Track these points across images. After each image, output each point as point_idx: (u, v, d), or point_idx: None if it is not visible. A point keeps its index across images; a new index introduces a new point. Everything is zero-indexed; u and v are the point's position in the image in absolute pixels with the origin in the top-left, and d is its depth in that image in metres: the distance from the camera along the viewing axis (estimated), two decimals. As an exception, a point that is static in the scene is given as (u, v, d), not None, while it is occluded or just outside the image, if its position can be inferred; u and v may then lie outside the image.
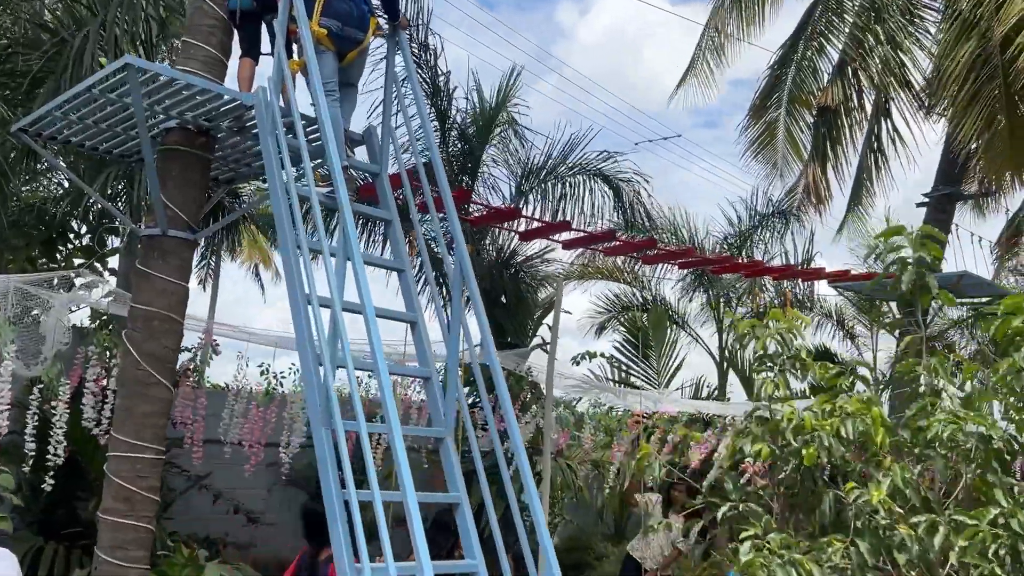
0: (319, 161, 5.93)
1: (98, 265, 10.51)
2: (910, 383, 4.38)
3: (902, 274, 4.35)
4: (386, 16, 5.97)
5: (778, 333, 4.44)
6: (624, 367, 15.23)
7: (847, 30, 13.18)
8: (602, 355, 15.18)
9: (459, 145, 11.55)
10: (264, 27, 6.21)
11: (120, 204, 9.20)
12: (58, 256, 9.98)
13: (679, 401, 12.83)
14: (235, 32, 6.30)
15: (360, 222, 10.84)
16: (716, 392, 16.18)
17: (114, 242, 10.80)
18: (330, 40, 5.44)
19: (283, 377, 9.12)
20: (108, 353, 7.53)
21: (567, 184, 11.71)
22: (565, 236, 9.03)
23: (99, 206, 9.35)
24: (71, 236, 10.28)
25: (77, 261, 10.07)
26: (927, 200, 13.35)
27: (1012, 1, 9.95)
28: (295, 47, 5.77)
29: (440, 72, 11.06)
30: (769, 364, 4.53)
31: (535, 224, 8.67)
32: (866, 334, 19.43)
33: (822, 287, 16.81)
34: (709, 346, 16.45)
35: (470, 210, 8.85)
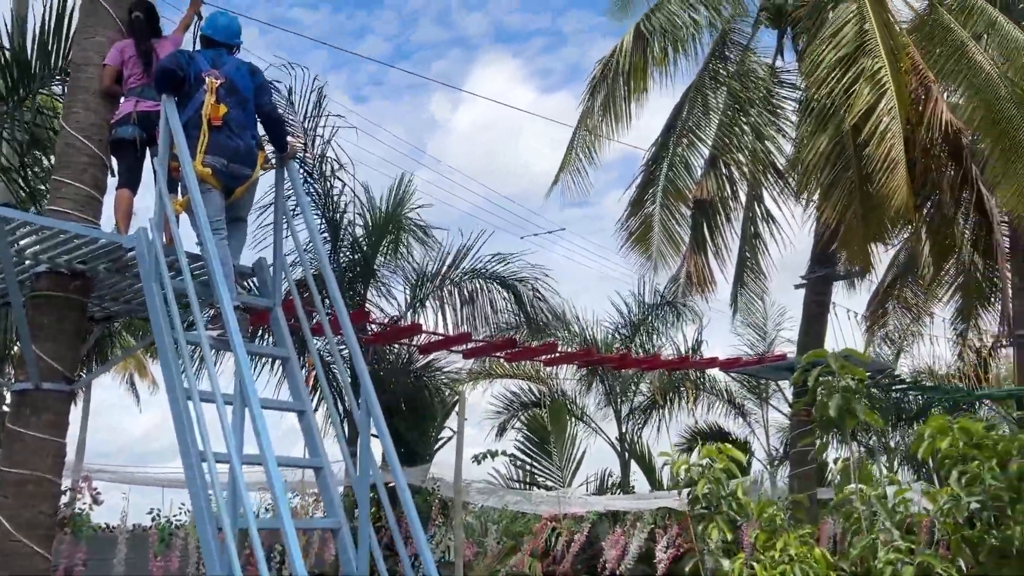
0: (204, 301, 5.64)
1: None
2: (848, 517, 4.37)
3: (829, 400, 4.40)
4: (274, 148, 5.80)
5: (714, 475, 4.39)
6: (528, 466, 15.03)
7: (715, 126, 13.80)
8: (503, 453, 14.97)
9: (351, 256, 11.37)
10: (149, 158, 5.95)
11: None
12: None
13: (586, 499, 12.69)
14: (110, 164, 6.02)
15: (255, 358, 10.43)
16: (620, 481, 16.14)
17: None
18: (215, 178, 5.22)
19: (176, 519, 8.50)
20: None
21: (463, 289, 11.65)
22: (467, 346, 8.89)
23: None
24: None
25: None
26: (805, 282, 13.89)
27: (858, 96, 10.70)
28: (179, 185, 5.53)
29: (337, 179, 10.95)
30: (705, 506, 4.46)
31: (435, 338, 8.51)
32: (757, 410, 19.92)
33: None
34: (610, 436, 16.46)
35: (368, 328, 8.63)
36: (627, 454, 16.00)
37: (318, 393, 8.39)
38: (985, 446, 4.29)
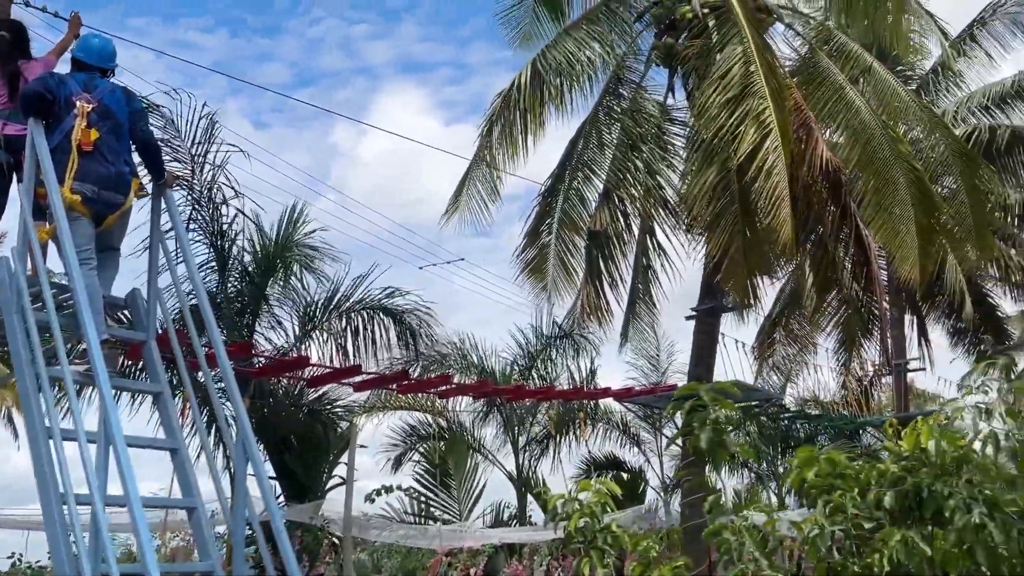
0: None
1: None
2: (720, 547, 4.45)
3: (702, 433, 4.49)
4: (150, 176, 5.60)
5: (588, 509, 4.41)
6: (425, 499, 14.85)
7: (609, 160, 14.08)
8: (399, 488, 14.73)
9: (239, 286, 11.07)
10: (15, 184, 5.66)
11: None
12: None
13: (482, 532, 12.60)
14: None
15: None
16: (516, 513, 16.11)
17: None
18: (85, 205, 4.99)
19: (38, 564, 8.02)
20: None
21: (353, 321, 11.47)
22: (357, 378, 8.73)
23: None
24: None
25: None
26: (695, 314, 14.22)
27: (744, 135, 11.13)
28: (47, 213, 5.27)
29: (230, 206, 10.66)
30: (580, 540, 4.47)
31: (324, 370, 8.34)
32: (651, 439, 20.22)
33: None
34: (508, 468, 16.42)
35: (253, 362, 8.39)
36: (523, 486, 16.01)
37: (194, 429, 8.08)
38: (848, 476, 4.46)
